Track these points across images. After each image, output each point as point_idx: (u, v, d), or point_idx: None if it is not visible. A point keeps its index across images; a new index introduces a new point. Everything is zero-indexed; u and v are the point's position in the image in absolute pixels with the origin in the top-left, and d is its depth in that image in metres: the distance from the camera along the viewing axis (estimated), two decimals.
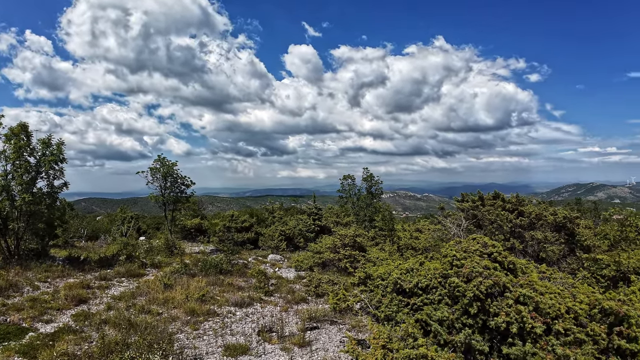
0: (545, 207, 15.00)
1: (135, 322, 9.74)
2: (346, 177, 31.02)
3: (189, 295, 12.25)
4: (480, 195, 16.24)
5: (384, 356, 6.56)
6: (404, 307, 7.96)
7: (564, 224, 13.98)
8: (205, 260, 16.87)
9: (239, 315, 11.43)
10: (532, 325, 6.17)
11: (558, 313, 6.28)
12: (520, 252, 13.95)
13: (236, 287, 14.42)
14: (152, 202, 27.84)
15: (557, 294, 6.57)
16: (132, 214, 33.60)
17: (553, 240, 13.35)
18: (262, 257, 21.86)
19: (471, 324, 6.82)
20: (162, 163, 26.99)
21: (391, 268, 8.56)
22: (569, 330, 6.31)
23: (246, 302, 12.45)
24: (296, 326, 10.53)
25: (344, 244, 16.73)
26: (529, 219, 14.22)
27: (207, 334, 9.87)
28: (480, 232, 14.57)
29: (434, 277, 7.24)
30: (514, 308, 6.25)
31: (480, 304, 6.71)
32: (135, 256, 17.86)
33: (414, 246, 15.52)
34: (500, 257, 6.95)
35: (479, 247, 7.08)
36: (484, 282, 6.39)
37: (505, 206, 14.76)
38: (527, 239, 13.89)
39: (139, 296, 12.67)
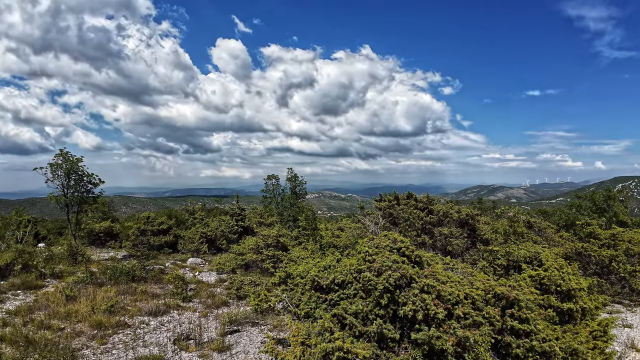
0: (452, 205, 16.53)
1: (34, 338, 8.73)
2: (270, 177, 30.86)
3: (96, 306, 11.21)
4: (395, 195, 17.33)
5: (302, 352, 6.68)
6: (322, 303, 8.18)
7: (467, 221, 15.55)
8: (115, 267, 15.57)
9: (154, 325, 10.76)
10: (435, 311, 6.76)
11: (458, 299, 6.96)
12: (430, 246, 15.18)
13: (151, 295, 13.54)
14: (52, 204, 24.89)
15: (457, 282, 7.29)
16: (30, 217, 29.76)
17: (458, 235, 14.75)
18: (181, 262, 20.83)
19: (383, 315, 7.25)
20: (64, 158, 24.15)
21: (310, 266, 8.76)
22: (468, 314, 7.03)
23: (162, 310, 11.77)
24: (216, 331, 10.23)
25: (267, 245, 16.66)
26: (437, 216, 15.53)
27: (117, 347, 9.14)
28: (396, 229, 15.57)
29: (350, 272, 7.57)
30: (420, 297, 6.80)
31: (391, 295, 7.16)
32: (33, 265, 15.86)
33: (336, 244, 16.02)
34: (408, 252, 7.51)
35: (389, 243, 7.56)
36: (393, 275, 6.85)
37: (417, 205, 15.94)
38: (436, 235, 15.16)
39: (37, 310, 11.29)
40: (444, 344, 6.46)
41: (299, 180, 30.28)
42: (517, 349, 7.04)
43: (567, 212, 31.79)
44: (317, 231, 17.72)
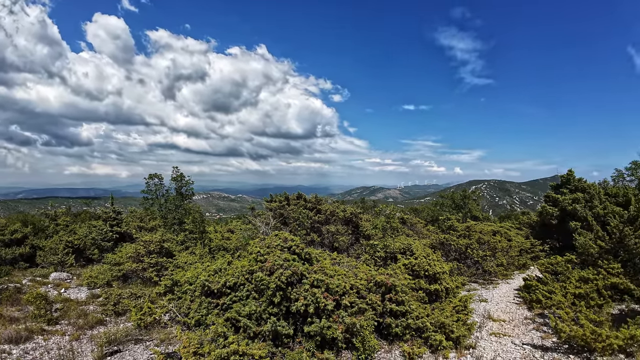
0: (338, 205, 17.64)
1: None
2: (153, 176, 28.06)
3: None
4: (286, 196, 17.72)
5: None
6: (214, 308, 7.95)
7: (351, 219, 16.76)
8: None
9: (17, 354, 9.03)
10: (325, 303, 7.17)
11: (344, 290, 7.51)
12: (318, 244, 15.92)
13: (8, 319, 11.31)
14: None
15: (343, 275, 7.86)
16: None
17: (343, 232, 15.79)
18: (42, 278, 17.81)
19: (276, 313, 7.40)
20: None
21: (199, 271, 8.43)
22: (354, 302, 7.63)
23: (23, 337, 9.93)
24: (92, 354, 9.04)
25: (149, 251, 15.36)
26: (325, 215, 16.36)
27: None
28: (287, 229, 15.92)
29: (242, 274, 7.53)
30: (310, 292, 7.15)
31: (283, 293, 7.36)
32: None
33: (226, 247, 15.63)
34: (299, 250, 7.82)
35: (280, 243, 7.76)
36: (285, 273, 7.06)
37: (306, 205, 16.57)
38: (324, 232, 15.96)
39: None
40: (334, 332, 6.90)
41: (185, 180, 28.18)
42: (396, 328, 7.92)
43: (433, 209, 36.71)
44: (205, 234, 17.00)
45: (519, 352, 8.42)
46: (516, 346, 8.79)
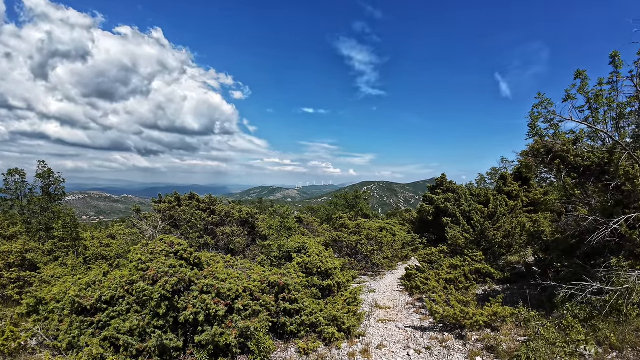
0: (233, 205, 17.11)
1: None
2: (13, 171, 23.00)
3: None
4: (177, 196, 16.56)
5: None
6: (87, 327, 6.98)
7: (247, 219, 16.42)
8: None
9: None
10: (216, 309, 6.84)
11: (237, 293, 7.27)
12: (213, 247, 15.24)
13: None
14: None
15: (237, 278, 7.60)
16: None
17: (239, 233, 15.38)
18: None
19: (163, 325, 6.80)
20: None
21: (68, 285, 7.31)
22: (247, 305, 7.43)
23: None
24: None
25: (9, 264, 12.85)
26: (220, 216, 15.74)
27: None
28: (178, 232, 14.89)
29: (120, 285, 6.75)
30: (200, 298, 6.74)
31: (169, 303, 6.81)
32: None
33: (105, 255, 13.94)
34: (186, 254, 7.33)
35: (165, 248, 7.18)
36: (170, 281, 6.54)
37: (200, 206, 15.72)
38: (219, 234, 15.34)
39: None
40: (227, 338, 6.62)
41: (54, 177, 23.71)
42: (291, 326, 7.96)
43: (328, 208, 38.28)
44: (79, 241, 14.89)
45: (402, 335, 9.21)
46: (400, 329, 9.60)
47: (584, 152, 9.08)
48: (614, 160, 8.64)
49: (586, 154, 8.98)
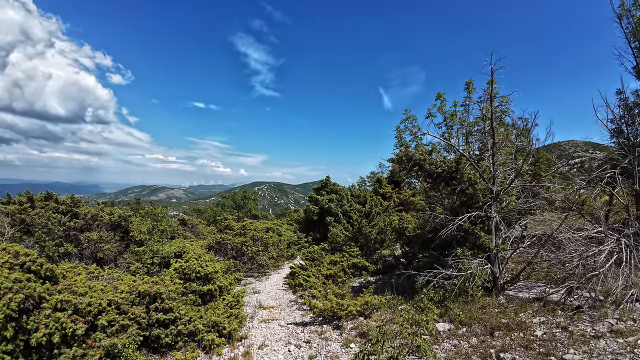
0: (102, 207, 15.30)
1: None
2: None
3: None
4: (29, 196, 14.13)
5: None
6: None
7: (120, 223, 14.85)
8: None
9: None
10: (74, 328, 6.07)
11: (100, 308, 6.55)
12: (77, 256, 13.40)
13: None
14: None
15: (100, 291, 6.84)
16: None
17: (109, 239, 13.82)
18: None
19: (12, 350, 5.76)
20: None
21: None
22: (113, 320, 6.75)
23: None
24: None
25: None
26: (85, 220, 13.93)
27: None
28: (30, 240, 12.71)
29: None
30: (54, 317, 5.90)
31: (16, 324, 5.81)
32: None
33: None
34: (35, 266, 6.33)
35: (9, 259, 6.09)
36: (15, 298, 5.58)
37: (59, 208, 13.67)
38: (84, 241, 13.56)
39: None
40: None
41: None
42: (166, 338, 7.47)
43: (215, 209, 36.95)
44: None
45: (284, 332, 9.45)
46: (282, 327, 9.84)
47: (437, 161, 10.66)
48: (460, 169, 10.34)
49: (439, 162, 10.55)
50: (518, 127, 17.66)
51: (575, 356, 6.39)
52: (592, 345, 6.62)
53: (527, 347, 6.94)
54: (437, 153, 11.36)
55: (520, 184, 10.59)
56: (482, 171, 10.16)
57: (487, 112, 10.06)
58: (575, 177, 12.19)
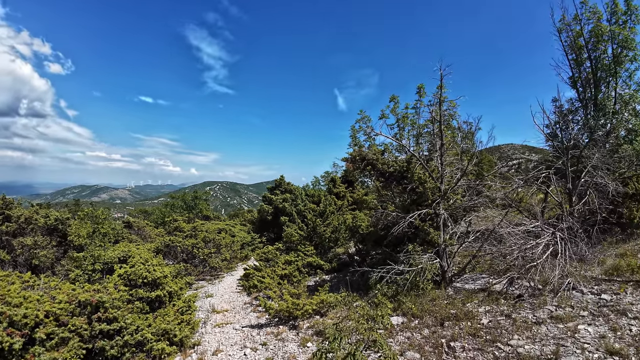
0: (37, 209, 14.07)
1: None
2: None
3: None
4: None
5: None
6: None
7: (57, 227, 13.75)
8: None
9: None
10: (10, 342, 5.53)
11: (38, 320, 6.02)
12: (10, 263, 12.24)
13: None
14: None
15: (37, 301, 6.28)
16: None
17: (45, 245, 12.75)
18: None
19: None
20: None
21: None
22: (52, 333, 6.23)
23: None
24: None
25: None
26: (17, 224, 12.75)
27: None
28: None
29: None
30: None
31: None
32: None
33: None
34: None
35: None
36: None
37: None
38: (17, 247, 12.42)
39: None
40: None
41: None
42: (111, 350, 7.00)
43: (163, 210, 35.37)
44: None
45: (239, 336, 9.26)
46: (237, 331, 9.63)
47: (389, 161, 11.01)
48: (411, 168, 10.75)
49: (391, 162, 10.91)
50: (464, 130, 18.80)
51: (520, 341, 6.85)
52: (535, 331, 7.13)
53: (475, 335, 7.34)
54: (389, 153, 11.73)
55: (465, 183, 11.19)
56: (431, 171, 10.62)
57: (436, 115, 10.52)
58: (514, 177, 13.12)
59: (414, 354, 6.97)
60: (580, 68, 17.30)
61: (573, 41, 17.20)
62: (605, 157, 12.19)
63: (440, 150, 10.37)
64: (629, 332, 6.49)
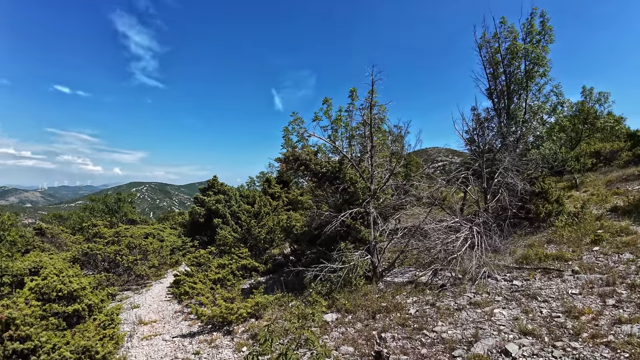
0: None
1: None
2: None
3: None
4: None
5: None
6: None
7: None
8: None
9: None
10: None
11: None
12: None
13: None
14: None
15: None
16: None
17: None
18: None
19: None
20: None
21: None
22: None
23: None
24: None
25: None
26: None
27: None
28: None
29: None
30: None
31: None
32: None
33: None
34: None
35: None
36: None
37: None
38: None
39: None
40: None
41: None
42: None
43: (82, 214, 32.39)
44: None
45: (170, 347, 8.80)
46: (167, 342, 9.14)
47: (322, 162, 11.28)
48: (343, 169, 11.10)
49: (324, 163, 11.17)
50: (394, 134, 19.86)
51: (443, 327, 7.40)
52: (456, 317, 7.75)
53: (403, 324, 7.78)
54: (322, 154, 12.00)
55: (394, 183, 11.81)
56: (362, 171, 11.04)
57: (367, 118, 10.96)
58: (438, 177, 14.17)
59: (347, 348, 7.20)
60: (496, 81, 19.38)
61: (491, 57, 19.21)
62: (515, 160, 13.66)
63: (371, 152, 10.83)
64: (540, 313, 7.31)
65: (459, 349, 6.57)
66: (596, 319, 6.66)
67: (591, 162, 23.52)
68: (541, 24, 18.18)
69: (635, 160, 21.29)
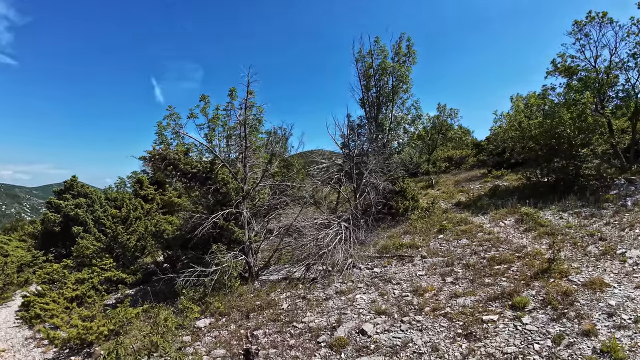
0: None
1: None
2: None
3: None
4: None
5: None
6: None
7: None
8: None
9: None
10: None
11: None
12: None
13: None
14: None
15: None
16: None
17: None
18: None
19: None
20: None
21: None
22: None
23: None
24: None
25: None
26: None
27: None
28: None
29: None
30: None
31: None
32: None
33: None
34: None
35: None
36: None
37: None
38: None
39: None
40: None
41: None
42: None
43: None
44: None
45: None
46: None
47: (192, 161, 10.95)
48: (215, 169, 10.95)
49: (194, 162, 10.86)
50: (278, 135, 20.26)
51: (311, 317, 7.94)
52: (324, 306, 8.38)
53: (275, 320, 8.10)
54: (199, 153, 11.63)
55: (270, 183, 12.11)
56: (235, 172, 11.05)
57: (242, 119, 11.02)
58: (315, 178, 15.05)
59: (219, 351, 7.20)
60: (369, 93, 21.63)
61: (365, 71, 21.36)
62: (380, 162, 15.31)
63: (245, 152, 10.92)
64: (393, 295, 8.35)
65: (324, 334, 7.16)
66: (437, 294, 7.95)
67: (445, 165, 28.12)
68: (407, 47, 20.95)
69: (478, 165, 26.25)
